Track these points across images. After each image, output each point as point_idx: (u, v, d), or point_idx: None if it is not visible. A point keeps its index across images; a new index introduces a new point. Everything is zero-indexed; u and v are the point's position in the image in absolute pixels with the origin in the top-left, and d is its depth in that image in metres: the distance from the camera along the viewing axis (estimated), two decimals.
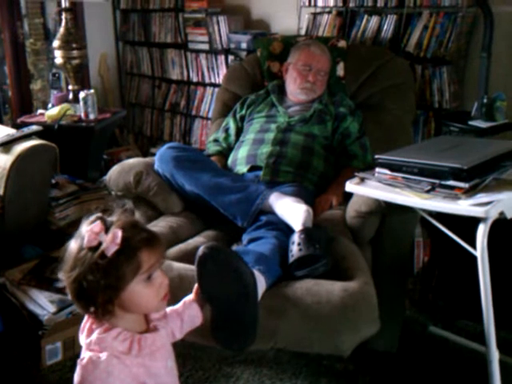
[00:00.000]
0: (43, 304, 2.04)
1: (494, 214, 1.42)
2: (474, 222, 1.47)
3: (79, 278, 1.03)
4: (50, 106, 3.22)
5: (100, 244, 1.03)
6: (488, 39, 2.26)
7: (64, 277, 1.06)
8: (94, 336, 1.07)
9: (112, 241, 1.02)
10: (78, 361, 1.06)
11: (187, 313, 1.29)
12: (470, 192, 1.47)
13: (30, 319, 2.01)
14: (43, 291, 2.12)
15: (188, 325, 1.29)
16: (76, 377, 1.05)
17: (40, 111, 3.19)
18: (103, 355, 1.04)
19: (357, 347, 1.51)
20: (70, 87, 3.24)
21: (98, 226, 1.04)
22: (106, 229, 1.05)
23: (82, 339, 1.10)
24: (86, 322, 1.11)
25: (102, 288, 1.03)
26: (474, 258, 1.49)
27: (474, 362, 1.88)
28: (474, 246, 1.48)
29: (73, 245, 1.07)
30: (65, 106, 3.06)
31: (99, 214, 1.09)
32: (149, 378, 1.09)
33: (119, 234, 1.03)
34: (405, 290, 1.97)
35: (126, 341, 1.07)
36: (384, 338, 1.64)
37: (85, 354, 1.06)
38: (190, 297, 1.32)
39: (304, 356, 1.84)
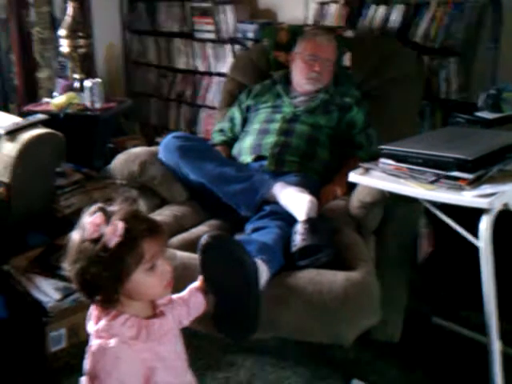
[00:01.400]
0: (48, 291, 2.06)
1: (497, 206, 1.41)
2: (478, 213, 1.46)
3: (82, 271, 1.04)
4: (55, 94, 3.22)
5: (102, 236, 1.03)
6: (496, 30, 2.25)
7: (68, 269, 1.07)
8: (102, 323, 1.08)
9: (113, 232, 1.03)
10: (88, 348, 1.08)
11: (193, 300, 1.29)
12: (474, 183, 1.46)
13: (35, 306, 2.02)
14: (48, 278, 2.13)
15: (194, 311, 1.29)
16: (86, 364, 1.07)
17: (46, 100, 3.19)
18: (112, 341, 1.05)
19: (359, 337, 1.52)
20: (76, 76, 3.24)
21: (98, 217, 1.05)
22: (107, 220, 1.05)
23: (90, 326, 1.11)
24: (94, 309, 1.12)
25: (105, 279, 1.04)
26: (478, 250, 1.48)
27: (476, 353, 1.88)
28: (477, 236, 1.48)
29: (75, 236, 1.07)
30: (71, 94, 3.06)
31: (100, 205, 1.09)
32: (158, 362, 1.11)
33: (120, 225, 1.03)
34: (408, 281, 1.97)
35: (134, 327, 1.08)
36: (386, 328, 1.65)
37: (94, 342, 1.08)
38: (196, 284, 1.33)
39: (306, 345, 1.85)
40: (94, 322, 1.10)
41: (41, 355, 1.98)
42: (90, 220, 1.05)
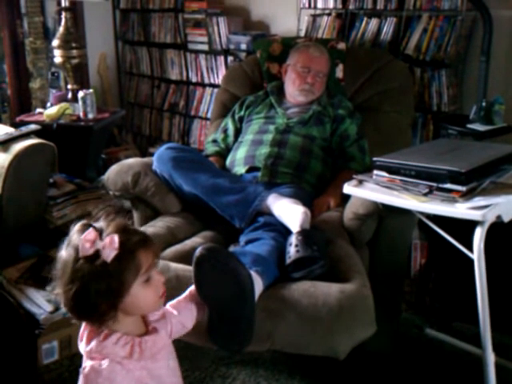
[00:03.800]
0: (40, 303, 2.04)
1: (490, 218, 1.42)
2: (471, 225, 1.47)
3: (81, 290, 1.01)
4: (48, 105, 3.22)
5: (97, 252, 1.01)
6: (487, 43, 2.27)
7: (61, 290, 1.04)
8: (94, 343, 1.06)
9: (110, 246, 1.01)
10: (81, 370, 1.06)
11: (185, 311, 1.28)
12: (467, 195, 1.47)
13: (27, 318, 2.01)
14: (40, 290, 2.11)
15: (187, 323, 1.28)
16: None
17: (39, 110, 3.18)
18: (105, 362, 1.03)
19: (353, 348, 1.51)
20: (69, 86, 3.24)
21: (91, 233, 1.02)
22: (100, 235, 1.03)
23: (82, 347, 1.09)
24: (85, 329, 1.10)
25: (105, 295, 1.02)
26: (471, 261, 1.49)
27: (469, 364, 1.89)
28: (470, 249, 1.49)
29: (66, 256, 1.04)
30: (64, 105, 3.06)
31: (85, 222, 1.07)
32: (151, 380, 1.09)
33: (116, 238, 1.02)
34: (401, 292, 1.98)
35: (127, 345, 1.06)
36: (379, 340, 1.64)
37: (86, 363, 1.06)
38: (188, 295, 1.32)
39: (300, 358, 1.84)
40: (86, 343, 1.08)
41: (33, 367, 1.96)
42: (82, 237, 1.02)
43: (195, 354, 1.98)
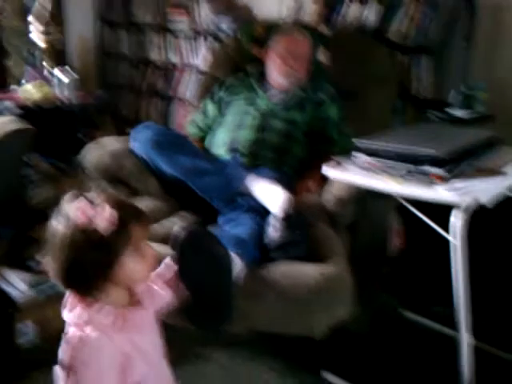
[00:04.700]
0: (16, 284, 2.02)
1: (468, 201, 1.43)
2: (451, 208, 1.48)
3: (73, 259, 1.02)
4: (23, 81, 3.15)
5: (89, 221, 1.01)
6: (469, 29, 2.28)
7: (52, 260, 1.04)
8: (78, 310, 1.06)
9: (105, 217, 1.01)
10: (64, 336, 1.06)
11: (171, 273, 1.29)
12: (445, 178, 1.48)
13: (3, 299, 1.98)
14: (17, 271, 2.09)
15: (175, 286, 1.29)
16: (62, 353, 1.04)
17: (13, 87, 3.12)
18: (92, 333, 1.03)
19: (330, 329, 1.53)
20: (45, 64, 3.18)
21: (85, 204, 1.03)
22: (92, 205, 1.03)
23: (65, 314, 1.09)
24: (69, 296, 1.10)
25: (97, 265, 1.02)
26: (449, 244, 1.50)
27: (445, 347, 1.91)
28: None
29: (57, 226, 1.04)
30: (39, 82, 3.00)
31: (77, 192, 1.07)
32: (137, 353, 1.09)
33: (110, 210, 1.02)
34: (379, 275, 2.00)
35: (111, 315, 1.06)
36: (357, 320, 1.66)
37: (70, 330, 1.06)
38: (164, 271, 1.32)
39: (278, 338, 1.85)
40: (69, 310, 1.08)
41: (10, 348, 1.94)
42: (75, 206, 1.02)
43: (173, 334, 1.97)
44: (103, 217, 1.01)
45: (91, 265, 1.02)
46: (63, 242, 1.02)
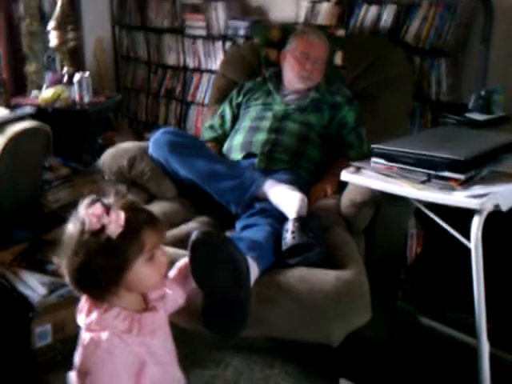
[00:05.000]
0: (34, 286, 2.03)
1: (488, 206, 1.41)
2: (469, 214, 1.47)
3: (84, 263, 1.03)
4: (44, 87, 3.18)
5: (102, 227, 1.02)
6: (487, 32, 2.25)
7: (66, 263, 1.06)
8: (94, 316, 1.07)
9: (116, 222, 1.02)
10: (79, 341, 1.07)
11: (183, 276, 1.30)
12: (465, 184, 1.46)
13: (21, 301, 2.00)
14: (34, 273, 2.10)
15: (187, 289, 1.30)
16: (78, 357, 1.06)
17: (34, 93, 3.15)
18: (104, 335, 1.04)
19: (347, 335, 1.51)
20: (65, 69, 3.21)
21: (99, 208, 1.04)
22: (107, 211, 1.04)
23: (81, 319, 1.10)
24: (85, 302, 1.11)
25: (107, 270, 1.03)
26: (467, 250, 1.49)
27: (463, 354, 1.89)
28: (467, 237, 1.48)
29: (72, 229, 1.06)
30: (59, 88, 3.03)
31: (95, 197, 1.08)
32: (149, 357, 1.10)
33: (122, 215, 1.03)
34: (397, 281, 1.97)
35: (127, 320, 1.07)
36: (374, 327, 1.65)
37: (85, 335, 1.07)
38: (177, 274, 1.32)
39: (294, 344, 1.84)
40: (86, 315, 1.09)
41: (26, 350, 1.95)
42: (90, 211, 1.03)
43: (189, 339, 1.97)
44: (115, 222, 1.02)
45: (102, 269, 1.03)
46: (75, 246, 1.04)
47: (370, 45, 2.55)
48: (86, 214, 1.04)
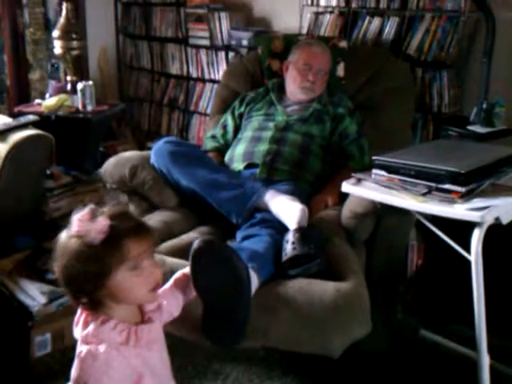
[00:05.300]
0: (34, 295, 2.03)
1: (489, 219, 1.42)
2: (469, 226, 1.47)
3: (67, 266, 1.04)
4: (47, 96, 3.20)
5: (87, 232, 1.04)
6: (489, 44, 2.26)
7: (55, 266, 1.07)
8: (91, 328, 1.07)
9: (97, 229, 1.03)
10: (76, 354, 1.06)
11: (180, 287, 1.29)
12: (466, 196, 1.46)
13: (20, 310, 1.99)
14: (34, 282, 2.10)
15: (183, 301, 1.29)
16: (74, 370, 1.05)
17: (37, 101, 3.17)
18: (102, 347, 1.04)
19: (347, 348, 1.51)
20: (69, 78, 3.23)
21: (85, 214, 1.05)
22: (93, 217, 1.05)
23: (78, 332, 1.09)
24: (81, 314, 1.11)
25: (87, 276, 1.03)
26: (468, 263, 1.48)
27: (463, 367, 1.88)
28: (468, 250, 1.48)
29: (63, 234, 1.08)
30: (62, 96, 3.04)
31: (92, 206, 1.09)
32: (146, 369, 1.10)
33: (106, 223, 1.04)
34: (397, 293, 1.97)
35: (124, 332, 1.07)
36: (374, 339, 1.64)
37: (82, 347, 1.06)
38: (174, 283, 1.31)
39: (294, 356, 1.84)
40: (82, 327, 1.08)
41: (25, 360, 1.95)
42: (76, 217, 1.06)
43: (188, 350, 1.97)
44: (97, 229, 1.03)
45: (82, 274, 1.03)
46: (61, 249, 1.06)
47: (373, 56, 2.56)
48: (73, 219, 1.06)
